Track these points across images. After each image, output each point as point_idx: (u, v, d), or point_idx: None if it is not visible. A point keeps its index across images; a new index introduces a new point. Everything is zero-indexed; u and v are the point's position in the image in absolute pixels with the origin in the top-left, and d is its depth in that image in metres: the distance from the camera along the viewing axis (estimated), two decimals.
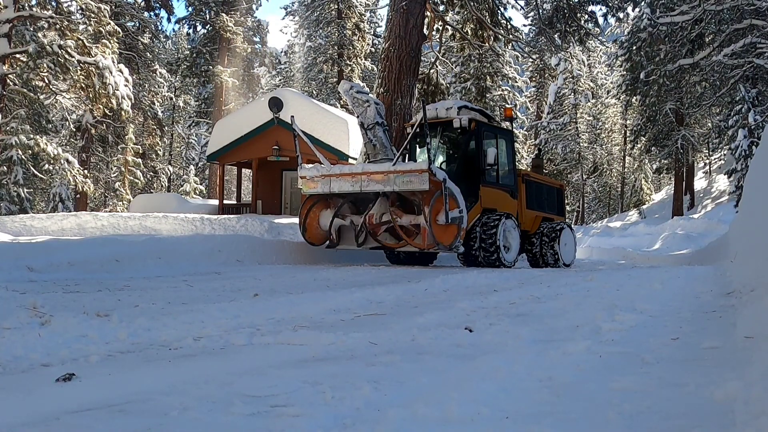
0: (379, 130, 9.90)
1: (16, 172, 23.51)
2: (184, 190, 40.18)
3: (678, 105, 32.11)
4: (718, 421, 1.79)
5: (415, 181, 8.47)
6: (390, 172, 8.62)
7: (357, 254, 11.01)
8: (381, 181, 8.73)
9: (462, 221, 8.98)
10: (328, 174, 9.28)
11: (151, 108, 34.01)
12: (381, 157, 9.75)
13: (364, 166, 9.17)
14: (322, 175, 9.34)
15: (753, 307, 3.47)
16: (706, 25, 23.35)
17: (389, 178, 8.63)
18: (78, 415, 1.92)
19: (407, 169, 8.59)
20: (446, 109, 10.61)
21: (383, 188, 8.81)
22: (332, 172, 9.26)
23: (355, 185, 8.97)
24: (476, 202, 10.03)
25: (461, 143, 10.59)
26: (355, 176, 8.98)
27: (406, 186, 8.58)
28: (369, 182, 8.83)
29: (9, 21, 20.30)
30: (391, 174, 8.61)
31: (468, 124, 10.23)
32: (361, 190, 8.96)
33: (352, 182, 9.00)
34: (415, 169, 8.52)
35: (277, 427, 1.78)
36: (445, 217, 8.58)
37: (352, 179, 9.00)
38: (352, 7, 39.17)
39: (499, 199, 10.57)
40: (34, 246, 7.55)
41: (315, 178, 9.39)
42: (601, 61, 49.71)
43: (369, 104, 9.93)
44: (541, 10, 21.70)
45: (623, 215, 41.99)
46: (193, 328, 3.44)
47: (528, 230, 11.49)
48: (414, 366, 2.53)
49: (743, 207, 8.96)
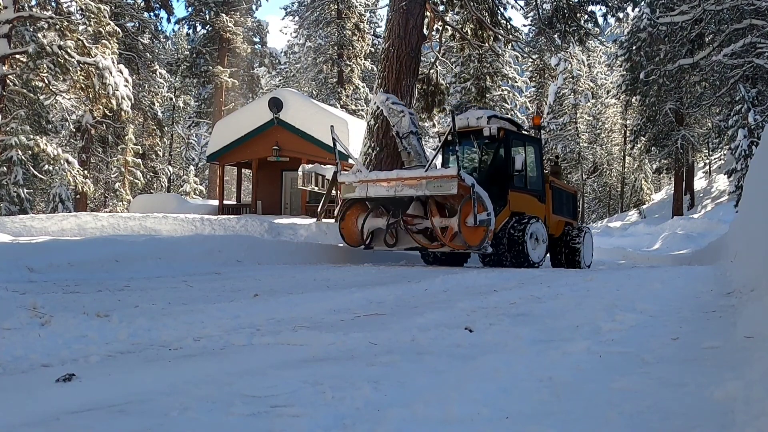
0: (413, 139, 10.55)
1: (16, 172, 23.52)
2: (184, 191, 40.19)
3: (678, 105, 32.12)
4: (718, 421, 1.79)
5: (445, 186, 9.07)
6: (422, 177, 9.26)
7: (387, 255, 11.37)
8: (414, 186, 9.33)
9: (489, 224, 9.44)
10: (365, 180, 9.89)
11: (151, 108, 34.01)
12: (415, 164, 10.31)
13: (399, 173, 9.72)
14: (359, 181, 9.94)
15: (753, 307, 3.47)
16: (706, 25, 23.36)
17: (421, 183, 9.24)
18: (78, 415, 1.92)
19: (438, 174, 9.22)
20: (476, 119, 11.09)
21: (416, 193, 9.38)
22: (369, 178, 9.88)
23: (390, 190, 9.57)
24: (505, 206, 10.46)
25: (491, 150, 11.15)
26: (390, 182, 9.58)
27: (437, 190, 9.16)
28: (403, 187, 9.43)
29: (9, 21, 20.31)
30: (423, 180, 9.24)
31: (497, 132, 10.73)
32: (395, 194, 9.55)
33: (388, 188, 9.60)
34: (446, 175, 9.14)
35: (277, 427, 1.78)
36: (473, 219, 9.11)
37: (388, 185, 9.60)
38: (352, 7, 39.17)
39: (527, 204, 10.97)
40: (34, 246, 7.55)
41: (353, 183, 10.00)
42: (601, 61, 49.74)
43: (404, 114, 10.65)
44: (540, 10, 21.69)
45: (623, 215, 41.99)
46: (193, 329, 3.44)
47: (553, 234, 11.91)
48: (414, 366, 2.53)
49: (743, 207, 8.95)
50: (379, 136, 14.92)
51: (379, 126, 14.94)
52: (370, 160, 14.97)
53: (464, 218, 9.10)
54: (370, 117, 15.37)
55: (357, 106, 38.89)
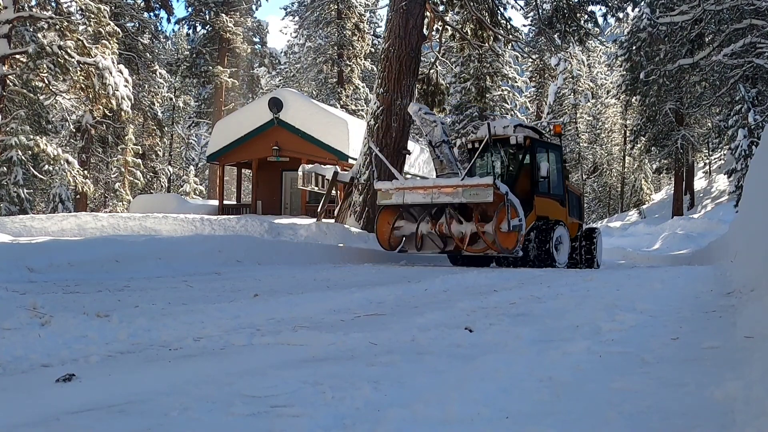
0: (445, 148, 10.90)
1: (16, 172, 23.52)
2: (184, 191, 40.18)
3: (678, 105, 32.12)
4: (718, 421, 1.79)
5: (481, 194, 9.54)
6: (458, 186, 9.70)
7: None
8: (450, 193, 9.79)
9: (521, 229, 9.99)
10: (402, 187, 10.37)
11: (151, 108, 34.01)
12: (447, 172, 10.75)
13: (435, 181, 10.24)
14: (396, 188, 10.40)
15: (753, 307, 3.47)
16: (705, 25, 23.36)
17: (458, 191, 9.69)
18: (78, 415, 1.92)
19: (474, 183, 9.67)
20: (503, 128, 11.60)
21: (452, 200, 9.86)
22: (406, 186, 10.40)
23: (427, 197, 10.02)
24: (531, 211, 10.90)
25: (517, 158, 11.63)
26: (426, 189, 10.07)
27: (472, 198, 9.65)
28: (439, 195, 9.88)
29: (9, 22, 20.31)
30: (459, 188, 9.69)
31: (523, 140, 11.23)
32: (431, 201, 10.01)
33: (424, 195, 10.06)
34: (482, 184, 9.60)
35: (277, 427, 1.78)
36: (507, 225, 9.65)
37: (424, 192, 10.08)
38: (352, 7, 39.17)
39: (550, 208, 11.49)
40: (34, 246, 7.55)
41: (390, 190, 10.45)
42: (601, 61, 49.74)
43: (436, 124, 10.95)
44: (540, 10, 21.70)
45: (623, 215, 42.00)
46: (193, 329, 3.44)
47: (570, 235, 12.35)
48: (414, 366, 2.53)
49: (743, 207, 8.95)
50: (379, 136, 14.92)
51: (379, 126, 14.95)
52: (370, 161, 14.98)
53: (499, 224, 9.59)
54: (370, 117, 15.37)
55: (357, 106, 38.90)
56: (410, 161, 23.49)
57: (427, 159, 29.34)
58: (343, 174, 16.12)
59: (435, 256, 12.09)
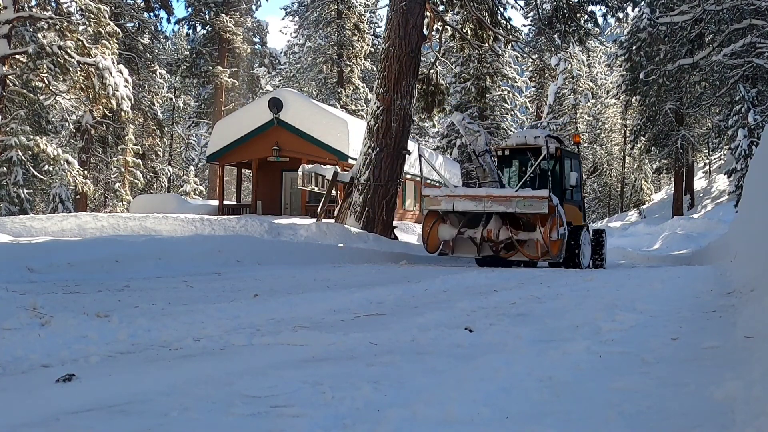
0: (487, 157, 11.37)
1: (15, 172, 23.50)
2: (184, 191, 40.16)
3: (678, 105, 32.11)
4: (718, 421, 1.79)
5: (536, 206, 9.98)
6: (513, 196, 10.12)
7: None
8: (503, 203, 10.15)
9: (565, 236, 10.58)
10: (452, 195, 10.65)
11: (151, 108, 34.00)
12: (489, 180, 11.24)
13: (488, 190, 10.63)
14: (446, 195, 10.69)
15: (753, 307, 3.47)
16: (705, 25, 23.36)
17: (511, 201, 10.07)
18: (78, 415, 1.92)
19: (529, 195, 10.10)
20: (534, 137, 12.09)
21: (505, 209, 10.19)
22: (456, 194, 10.71)
23: (479, 205, 10.34)
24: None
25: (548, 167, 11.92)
26: (477, 198, 10.41)
27: (527, 209, 10.04)
28: (492, 204, 10.22)
29: (9, 22, 20.30)
30: (513, 198, 10.08)
31: (554, 151, 11.69)
32: (484, 210, 10.34)
33: (476, 203, 10.37)
34: (537, 196, 10.04)
35: (278, 427, 1.78)
36: (556, 233, 10.14)
37: (475, 200, 10.39)
38: (352, 7, 39.16)
39: (573, 214, 11.88)
40: (34, 247, 7.55)
41: (438, 197, 10.72)
42: (601, 61, 49.71)
43: (479, 134, 11.43)
44: (540, 10, 21.70)
45: (623, 215, 41.99)
46: (193, 329, 3.44)
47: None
48: (414, 366, 2.53)
49: (743, 207, 8.96)
50: (379, 136, 14.92)
51: (379, 126, 14.94)
52: (370, 161, 14.98)
53: (550, 232, 10.07)
54: (370, 117, 15.37)
55: (357, 107, 38.89)
56: (410, 161, 23.46)
57: (427, 158, 29.31)
58: (343, 174, 16.12)
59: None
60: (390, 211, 15.31)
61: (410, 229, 21.85)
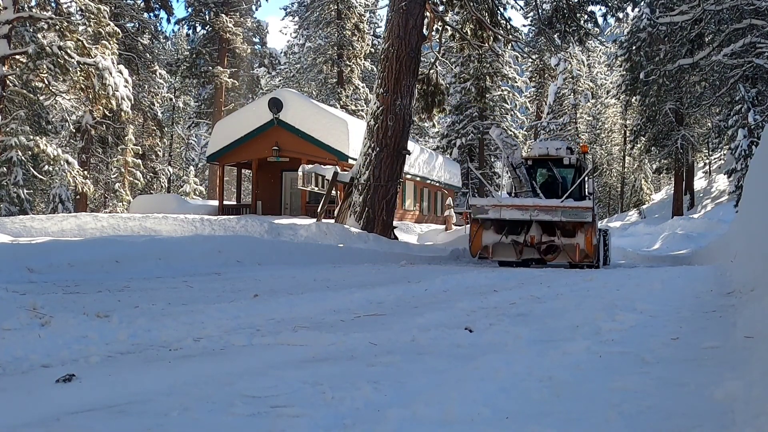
0: (523, 168, 12.16)
1: (16, 173, 23.50)
2: (183, 191, 40.16)
3: (678, 105, 32.10)
4: (718, 421, 1.79)
5: (581, 215, 10.86)
6: (558, 207, 10.92)
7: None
8: (549, 212, 10.93)
9: (600, 242, 11.74)
10: (498, 204, 11.35)
11: (151, 109, 34.00)
12: (525, 190, 12.05)
13: (534, 200, 11.39)
14: (493, 205, 11.38)
15: (753, 307, 3.47)
16: (705, 25, 23.34)
17: (557, 210, 10.91)
18: (78, 416, 1.92)
19: (575, 205, 10.96)
20: (556, 149, 12.91)
21: (551, 218, 10.97)
22: (503, 203, 11.42)
23: (525, 214, 11.05)
24: None
25: (566, 175, 12.92)
26: (523, 207, 11.10)
27: (572, 218, 10.89)
28: (539, 213, 10.98)
29: (9, 22, 20.30)
30: (559, 208, 10.90)
31: (575, 161, 12.58)
32: (530, 218, 11.08)
33: (522, 212, 11.07)
34: (582, 206, 10.93)
35: (278, 427, 1.78)
36: (596, 239, 11.28)
37: (521, 210, 11.09)
38: (352, 7, 39.16)
39: None
40: (34, 247, 7.55)
41: (486, 207, 11.40)
42: (601, 61, 49.73)
43: (516, 147, 12.15)
44: (540, 10, 21.71)
45: (623, 215, 42.00)
46: (193, 329, 3.44)
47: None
48: (414, 366, 2.53)
49: (743, 207, 8.96)
50: (379, 137, 14.93)
51: (379, 126, 14.95)
52: (370, 161, 14.98)
53: (590, 238, 11.05)
54: (370, 117, 15.37)
55: (357, 107, 38.90)
56: (410, 161, 23.46)
57: (427, 159, 29.35)
58: (343, 174, 16.13)
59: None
60: (390, 211, 15.31)
61: (410, 229, 21.85)
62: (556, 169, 12.86)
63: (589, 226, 11.06)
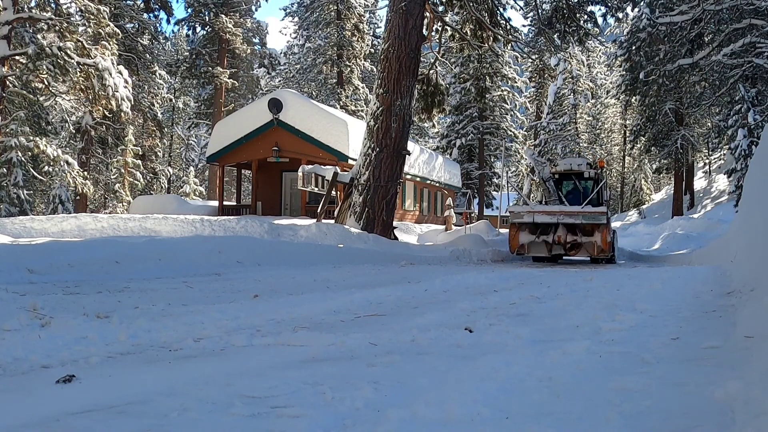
0: (551, 182, 14.70)
1: (15, 173, 23.49)
2: (183, 192, 40.18)
3: (678, 105, 32.10)
4: (718, 421, 1.79)
5: (597, 218, 13.24)
6: (579, 212, 13.28)
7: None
8: (572, 216, 13.32)
9: (614, 239, 14.26)
10: (532, 211, 13.79)
11: (151, 109, 33.98)
12: (553, 199, 14.54)
13: (560, 207, 13.70)
14: (528, 211, 13.77)
15: (753, 307, 3.47)
16: (705, 25, 23.34)
17: (578, 215, 13.27)
18: (78, 416, 1.92)
19: (592, 210, 13.33)
20: (578, 165, 15.43)
21: (573, 221, 13.35)
22: (536, 210, 13.84)
23: (552, 218, 13.44)
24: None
25: (587, 187, 15.41)
26: (551, 213, 13.50)
27: (591, 220, 13.24)
28: (564, 217, 13.34)
29: (8, 23, 20.30)
30: (579, 213, 13.27)
31: (594, 175, 15.18)
32: (557, 221, 13.43)
33: (550, 216, 13.46)
34: (597, 211, 13.35)
35: (278, 427, 1.78)
36: (610, 237, 13.63)
37: (550, 215, 13.48)
38: (352, 8, 39.17)
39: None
40: (34, 248, 7.55)
41: (521, 212, 13.76)
42: (601, 61, 49.72)
43: (545, 165, 15.05)
44: (540, 10, 21.70)
45: (623, 215, 41.99)
46: (194, 330, 3.44)
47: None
48: (414, 366, 2.53)
49: (743, 207, 8.95)
50: (379, 137, 14.93)
51: (378, 127, 14.95)
52: (370, 161, 14.98)
53: (606, 236, 13.35)
54: (370, 118, 15.37)
55: (357, 107, 38.90)
56: (410, 162, 23.47)
57: (427, 159, 29.35)
58: (343, 175, 16.13)
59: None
60: (390, 212, 15.31)
61: (410, 230, 21.85)
62: (578, 181, 15.46)
63: (604, 227, 13.33)
